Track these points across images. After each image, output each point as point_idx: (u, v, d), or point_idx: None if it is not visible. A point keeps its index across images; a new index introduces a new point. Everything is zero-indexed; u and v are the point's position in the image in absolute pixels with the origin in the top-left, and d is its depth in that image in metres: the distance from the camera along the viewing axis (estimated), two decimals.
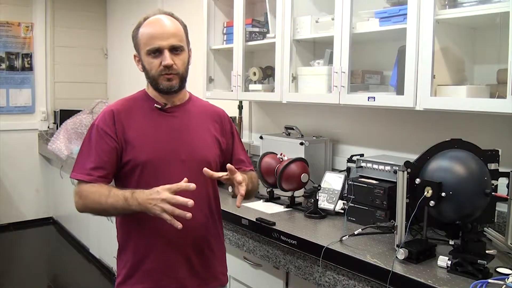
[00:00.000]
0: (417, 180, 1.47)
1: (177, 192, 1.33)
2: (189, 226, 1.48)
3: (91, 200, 1.41)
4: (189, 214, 1.29)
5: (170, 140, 1.51)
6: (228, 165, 1.40)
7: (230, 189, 2.39)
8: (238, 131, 1.75)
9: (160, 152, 1.49)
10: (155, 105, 1.53)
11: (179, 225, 1.29)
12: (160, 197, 1.30)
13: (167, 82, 1.47)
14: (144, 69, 1.51)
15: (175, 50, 1.46)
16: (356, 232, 1.72)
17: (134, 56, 1.54)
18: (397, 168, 1.69)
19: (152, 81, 1.50)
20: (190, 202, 1.28)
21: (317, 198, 2.04)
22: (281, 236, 1.81)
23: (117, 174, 1.51)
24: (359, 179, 1.98)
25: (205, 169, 1.40)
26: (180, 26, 1.51)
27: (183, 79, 1.52)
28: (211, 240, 1.59)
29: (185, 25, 1.54)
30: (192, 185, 1.31)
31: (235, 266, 2.14)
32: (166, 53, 1.44)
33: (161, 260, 1.50)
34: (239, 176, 1.39)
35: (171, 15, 1.52)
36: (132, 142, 1.48)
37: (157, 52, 1.45)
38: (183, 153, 1.51)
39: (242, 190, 1.38)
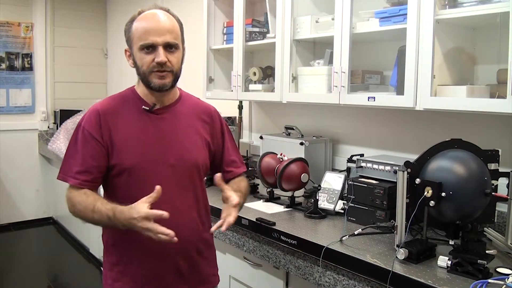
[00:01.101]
0: (417, 180, 1.47)
1: (160, 202, 1.28)
2: (177, 233, 1.47)
3: (79, 211, 1.40)
4: (175, 239, 1.25)
5: (159, 144, 1.46)
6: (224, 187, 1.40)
7: None
8: (229, 128, 1.70)
9: (147, 157, 1.44)
10: (143, 107, 1.47)
11: (173, 240, 1.25)
12: (139, 217, 1.24)
13: (159, 80, 1.41)
14: (135, 64, 1.45)
15: (169, 47, 1.41)
16: (356, 232, 1.72)
17: (125, 50, 1.48)
18: (397, 168, 1.69)
19: (143, 78, 1.44)
20: (165, 214, 1.24)
21: (317, 198, 2.04)
22: (281, 236, 1.81)
23: (106, 178, 1.46)
24: (359, 179, 1.98)
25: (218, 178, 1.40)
26: (176, 23, 1.45)
27: (176, 77, 1.46)
28: (200, 245, 1.55)
29: (181, 22, 1.49)
30: (165, 214, 1.24)
31: (235, 266, 2.14)
32: (160, 50, 1.38)
33: (148, 266, 1.46)
34: (235, 200, 1.38)
35: (167, 11, 1.46)
36: (119, 145, 1.42)
37: (150, 48, 1.39)
38: (171, 157, 1.47)
39: (231, 218, 1.37)
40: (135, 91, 1.52)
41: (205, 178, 1.65)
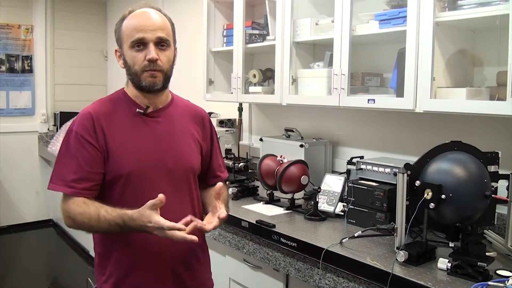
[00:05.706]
0: (417, 182, 1.47)
1: (160, 208, 1.24)
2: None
3: (81, 222, 1.33)
4: (192, 238, 1.22)
5: (156, 148, 1.42)
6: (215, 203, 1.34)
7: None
8: (216, 132, 1.67)
9: (145, 162, 1.39)
10: (138, 110, 1.42)
11: (194, 239, 1.22)
12: (152, 226, 1.21)
13: (151, 79, 1.36)
14: (125, 64, 1.40)
15: (160, 44, 1.37)
16: (356, 235, 1.72)
17: (116, 51, 1.44)
18: (397, 170, 1.68)
19: (134, 77, 1.38)
20: (179, 226, 1.22)
21: (317, 200, 2.04)
22: (281, 239, 1.81)
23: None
24: (359, 181, 1.98)
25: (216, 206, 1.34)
26: (167, 21, 1.41)
27: (167, 77, 1.41)
28: (197, 249, 1.52)
29: (173, 22, 1.44)
30: (180, 226, 1.22)
31: (235, 268, 2.14)
32: (151, 47, 1.34)
33: (148, 275, 1.41)
34: (223, 213, 1.32)
35: (159, 10, 1.42)
36: (114, 151, 1.36)
37: (141, 45, 1.35)
38: (169, 161, 1.43)
39: (211, 225, 1.31)
40: (126, 94, 1.46)
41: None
